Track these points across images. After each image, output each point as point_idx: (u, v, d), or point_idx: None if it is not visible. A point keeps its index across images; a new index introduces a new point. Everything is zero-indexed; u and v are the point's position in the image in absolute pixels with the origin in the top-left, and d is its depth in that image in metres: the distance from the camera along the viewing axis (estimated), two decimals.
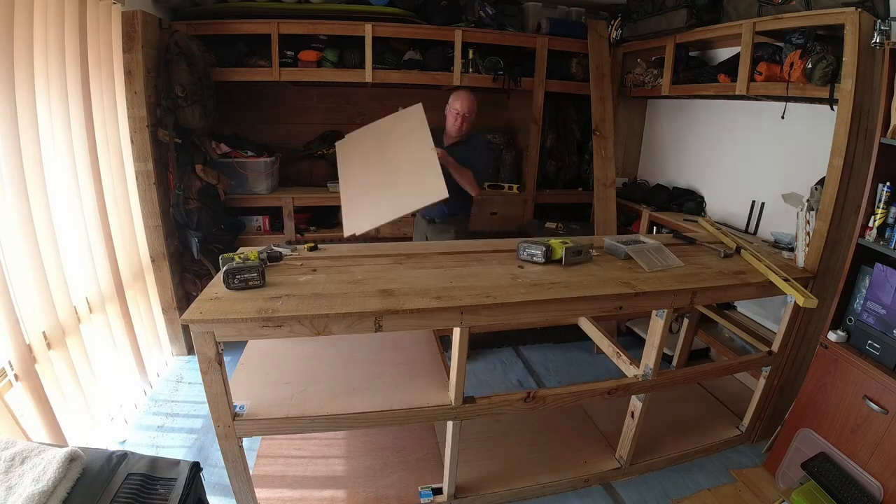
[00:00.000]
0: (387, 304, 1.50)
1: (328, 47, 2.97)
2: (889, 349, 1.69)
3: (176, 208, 2.59)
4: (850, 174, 1.87)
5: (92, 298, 2.11)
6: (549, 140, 3.57)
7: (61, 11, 1.87)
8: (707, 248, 2.22)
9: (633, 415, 1.99)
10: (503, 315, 1.61)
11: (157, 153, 2.53)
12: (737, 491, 2.02)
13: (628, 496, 2.00)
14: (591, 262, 1.95)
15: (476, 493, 1.92)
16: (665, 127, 3.56)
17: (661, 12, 2.77)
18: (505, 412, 1.81)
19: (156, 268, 2.66)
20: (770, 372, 2.15)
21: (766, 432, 2.29)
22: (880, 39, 1.71)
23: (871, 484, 1.69)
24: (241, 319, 1.41)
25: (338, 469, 2.04)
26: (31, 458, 1.12)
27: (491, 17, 3.14)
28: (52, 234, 1.82)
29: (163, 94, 2.48)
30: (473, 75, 3.13)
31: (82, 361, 1.99)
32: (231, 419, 1.54)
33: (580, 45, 3.29)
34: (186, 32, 2.61)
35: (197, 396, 2.51)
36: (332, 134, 3.42)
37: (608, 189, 3.29)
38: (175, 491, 1.14)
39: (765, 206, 2.69)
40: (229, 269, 1.56)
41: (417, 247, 2.17)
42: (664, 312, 1.79)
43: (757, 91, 2.31)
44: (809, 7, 2.03)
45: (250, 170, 2.94)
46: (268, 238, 3.02)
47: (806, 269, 2.02)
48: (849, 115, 1.81)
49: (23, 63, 1.66)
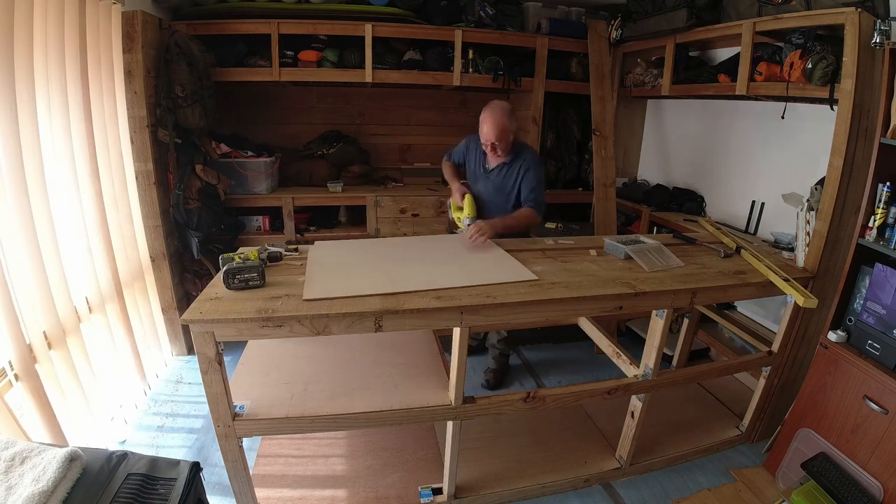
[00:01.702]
0: (387, 304, 1.50)
1: (328, 47, 2.97)
2: (889, 349, 1.69)
3: (176, 208, 2.59)
4: (850, 174, 1.86)
5: (92, 298, 2.11)
6: (549, 140, 3.57)
7: (61, 11, 1.87)
8: (707, 248, 2.22)
9: (633, 415, 1.99)
10: (503, 315, 1.61)
11: (157, 153, 2.53)
12: (737, 491, 2.02)
13: (628, 496, 2.00)
14: (591, 263, 1.96)
15: (476, 493, 1.92)
16: (665, 127, 3.56)
17: (661, 12, 2.77)
18: (505, 412, 1.81)
19: (156, 268, 2.66)
20: (770, 372, 2.15)
21: (766, 432, 2.29)
22: (880, 39, 1.71)
23: (871, 484, 1.69)
24: (241, 319, 1.41)
25: (338, 469, 2.04)
26: (31, 458, 1.12)
27: (491, 17, 3.14)
28: (52, 234, 1.82)
29: (163, 94, 2.48)
30: (473, 75, 3.13)
31: (82, 361, 1.99)
32: (231, 419, 1.54)
33: (580, 45, 3.29)
34: (186, 32, 2.61)
35: (197, 396, 2.51)
36: (332, 134, 3.43)
37: (608, 189, 3.29)
38: (175, 491, 1.14)
39: (765, 206, 2.69)
40: (229, 269, 1.56)
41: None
42: (664, 312, 1.79)
43: (757, 91, 2.31)
44: (809, 7, 2.03)
45: (250, 170, 2.94)
46: (268, 238, 3.02)
47: (806, 269, 2.02)
48: (849, 115, 1.80)
49: (23, 63, 1.66)
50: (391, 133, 3.69)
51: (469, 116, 3.79)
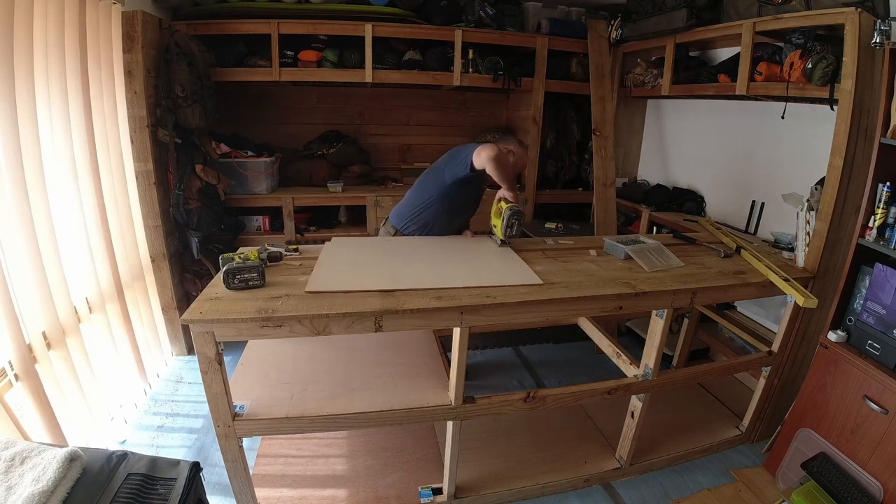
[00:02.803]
0: (387, 304, 1.50)
1: (328, 47, 2.97)
2: (889, 349, 1.69)
3: (176, 208, 2.59)
4: (850, 174, 1.86)
5: (92, 298, 2.11)
6: (549, 140, 3.57)
7: (61, 11, 1.87)
8: (707, 248, 2.22)
9: (633, 415, 1.99)
10: (503, 315, 1.61)
11: (157, 153, 2.53)
12: (737, 491, 2.02)
13: (628, 496, 2.00)
14: (591, 263, 1.96)
15: (476, 493, 1.92)
16: (665, 127, 3.56)
17: (661, 12, 2.77)
18: (505, 412, 1.81)
19: (156, 268, 2.66)
20: (770, 372, 2.15)
21: (766, 432, 2.29)
22: (880, 39, 1.71)
23: (871, 484, 1.69)
24: (241, 319, 1.41)
25: (338, 469, 2.04)
26: (31, 458, 1.12)
27: (491, 17, 3.14)
28: (52, 234, 1.82)
29: (163, 94, 2.48)
30: (473, 75, 3.13)
31: (82, 361, 1.99)
32: (231, 419, 1.54)
33: (580, 45, 3.30)
34: (186, 32, 2.61)
35: (197, 396, 2.51)
36: (332, 134, 3.43)
37: (608, 189, 3.30)
38: (175, 491, 1.14)
39: (765, 206, 2.69)
40: (229, 269, 1.55)
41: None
42: (664, 312, 1.79)
43: (757, 91, 2.31)
44: (809, 7, 2.03)
45: (250, 170, 2.94)
46: (268, 238, 3.02)
47: (806, 269, 2.02)
48: (849, 115, 1.80)
49: (23, 63, 1.66)
50: (391, 133, 3.69)
51: (469, 116, 3.80)
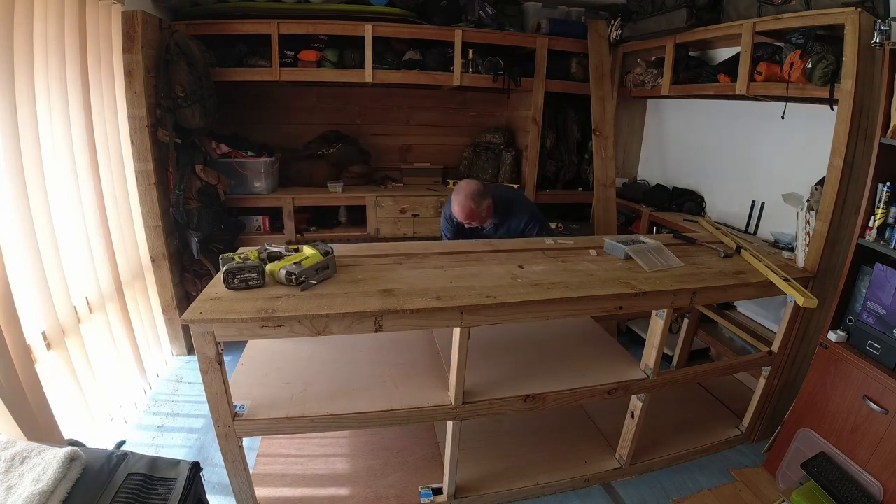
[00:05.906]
0: (387, 304, 1.50)
1: (328, 47, 2.97)
2: (889, 349, 1.69)
3: (176, 208, 2.59)
4: (850, 174, 1.86)
5: (92, 298, 2.11)
6: (549, 140, 3.57)
7: (61, 11, 1.87)
8: (707, 248, 2.22)
9: (633, 415, 1.99)
10: (503, 315, 1.61)
11: (157, 153, 2.53)
12: (737, 491, 2.02)
13: (628, 496, 2.00)
14: (591, 263, 1.95)
15: (476, 493, 1.92)
16: (665, 127, 3.56)
17: (661, 12, 2.77)
18: (505, 412, 1.80)
19: (156, 268, 2.66)
20: (770, 372, 2.15)
21: (766, 432, 2.29)
22: (880, 39, 1.71)
23: (871, 484, 1.69)
24: (241, 319, 1.41)
25: (338, 468, 2.04)
26: (31, 458, 1.12)
27: (491, 17, 3.14)
28: (52, 234, 1.82)
29: (163, 94, 2.48)
30: (473, 75, 3.13)
31: (82, 361, 1.99)
32: (231, 419, 1.54)
33: (580, 45, 3.29)
34: (186, 32, 2.61)
35: (197, 396, 2.51)
36: (332, 134, 3.42)
37: (608, 189, 3.30)
38: (175, 491, 1.14)
39: (765, 206, 2.69)
40: (229, 269, 1.56)
41: (417, 247, 2.17)
42: (664, 312, 1.79)
43: (757, 91, 2.31)
44: (809, 7, 2.03)
45: (250, 170, 2.94)
46: (268, 238, 3.01)
47: (806, 269, 2.02)
48: (849, 115, 1.80)
49: (23, 63, 1.66)
50: (391, 133, 3.69)
51: (469, 116, 3.80)
